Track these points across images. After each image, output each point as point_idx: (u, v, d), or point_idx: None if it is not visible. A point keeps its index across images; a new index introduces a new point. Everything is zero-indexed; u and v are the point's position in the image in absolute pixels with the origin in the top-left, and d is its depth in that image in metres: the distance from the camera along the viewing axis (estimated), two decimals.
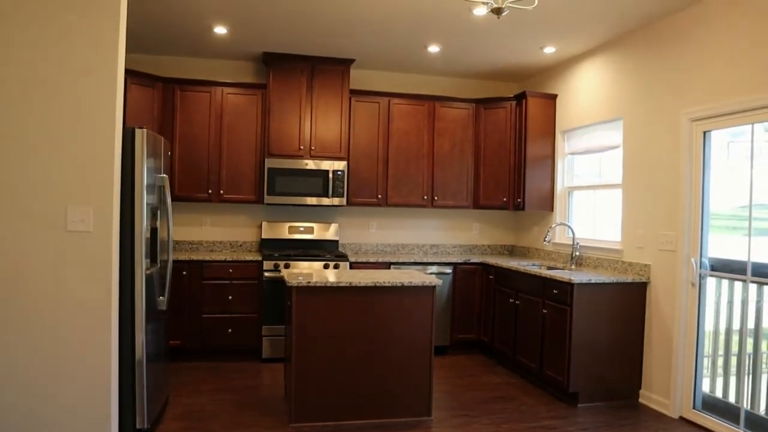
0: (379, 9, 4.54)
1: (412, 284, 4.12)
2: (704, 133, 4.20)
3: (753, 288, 3.85)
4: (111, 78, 3.13)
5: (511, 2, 3.00)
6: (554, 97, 6.04)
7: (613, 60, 5.17)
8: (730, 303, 4.08)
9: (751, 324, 3.88)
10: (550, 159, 6.04)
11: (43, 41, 3.04)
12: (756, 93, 3.71)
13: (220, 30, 5.14)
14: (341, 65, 5.96)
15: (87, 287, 3.11)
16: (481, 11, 4.42)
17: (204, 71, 6.05)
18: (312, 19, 4.82)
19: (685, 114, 4.29)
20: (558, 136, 6.02)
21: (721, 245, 4.15)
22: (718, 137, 4.18)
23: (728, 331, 4.12)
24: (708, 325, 4.22)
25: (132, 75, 5.16)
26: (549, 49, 5.49)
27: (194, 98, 5.71)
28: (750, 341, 3.89)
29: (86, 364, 3.12)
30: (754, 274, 3.81)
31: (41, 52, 3.04)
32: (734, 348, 4.05)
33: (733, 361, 4.06)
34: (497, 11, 2.97)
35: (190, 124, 5.70)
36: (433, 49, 5.59)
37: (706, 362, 4.24)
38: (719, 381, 4.19)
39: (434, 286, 4.18)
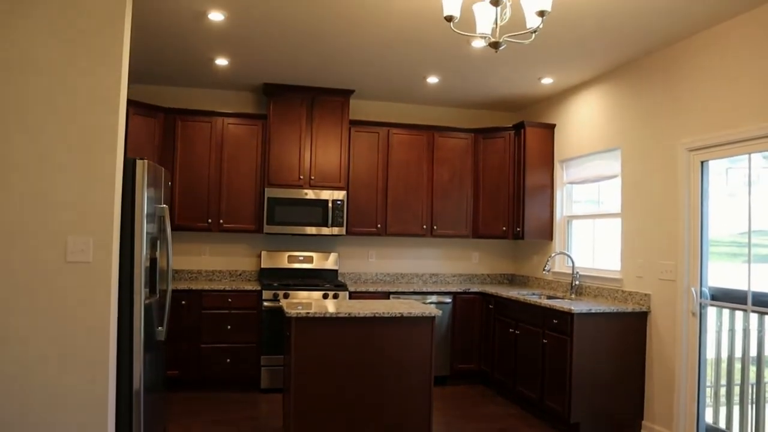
0: (379, 41, 4.61)
1: (412, 315, 4.10)
2: (702, 162, 4.22)
3: (754, 318, 3.83)
4: (113, 110, 3.16)
5: (508, 36, 3.04)
6: (552, 126, 6.10)
7: (610, 90, 5.23)
8: (732, 332, 4.06)
9: (753, 353, 3.86)
10: (548, 188, 6.06)
11: (47, 72, 3.08)
12: (753, 123, 3.75)
13: (222, 62, 5.21)
14: (341, 96, 6.03)
15: (85, 317, 3.09)
16: (479, 44, 4.49)
17: (205, 102, 6.12)
18: (312, 51, 4.89)
19: (683, 144, 4.33)
20: (556, 165, 6.06)
21: (721, 272, 4.15)
22: (717, 164, 4.21)
23: (730, 361, 4.09)
24: (710, 355, 4.19)
25: (134, 105, 5.22)
26: (547, 80, 5.56)
27: (195, 128, 5.76)
28: (753, 369, 3.86)
29: (84, 393, 3.08)
30: (754, 304, 3.79)
31: (45, 82, 3.08)
32: (737, 377, 4.02)
33: (736, 390, 4.02)
34: (495, 45, 3.01)
35: (190, 154, 5.74)
36: (432, 79, 5.65)
37: (709, 392, 4.20)
38: (722, 411, 4.14)
39: (434, 317, 4.16)
